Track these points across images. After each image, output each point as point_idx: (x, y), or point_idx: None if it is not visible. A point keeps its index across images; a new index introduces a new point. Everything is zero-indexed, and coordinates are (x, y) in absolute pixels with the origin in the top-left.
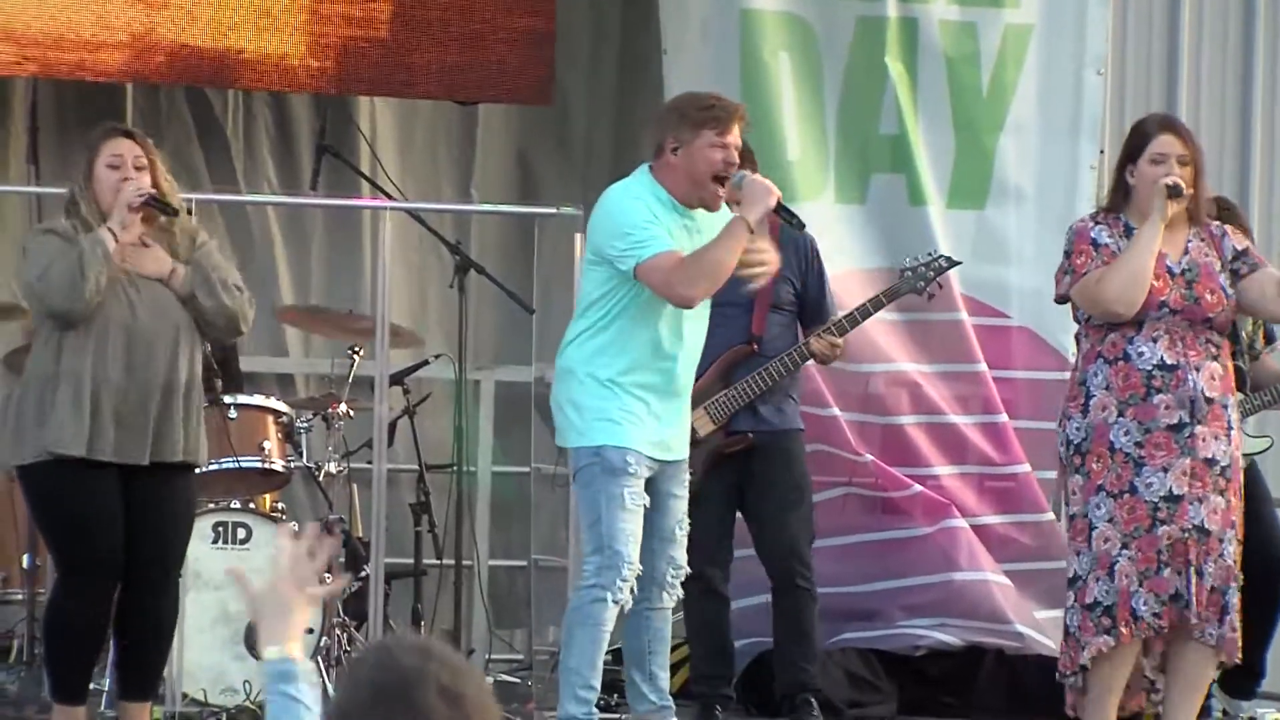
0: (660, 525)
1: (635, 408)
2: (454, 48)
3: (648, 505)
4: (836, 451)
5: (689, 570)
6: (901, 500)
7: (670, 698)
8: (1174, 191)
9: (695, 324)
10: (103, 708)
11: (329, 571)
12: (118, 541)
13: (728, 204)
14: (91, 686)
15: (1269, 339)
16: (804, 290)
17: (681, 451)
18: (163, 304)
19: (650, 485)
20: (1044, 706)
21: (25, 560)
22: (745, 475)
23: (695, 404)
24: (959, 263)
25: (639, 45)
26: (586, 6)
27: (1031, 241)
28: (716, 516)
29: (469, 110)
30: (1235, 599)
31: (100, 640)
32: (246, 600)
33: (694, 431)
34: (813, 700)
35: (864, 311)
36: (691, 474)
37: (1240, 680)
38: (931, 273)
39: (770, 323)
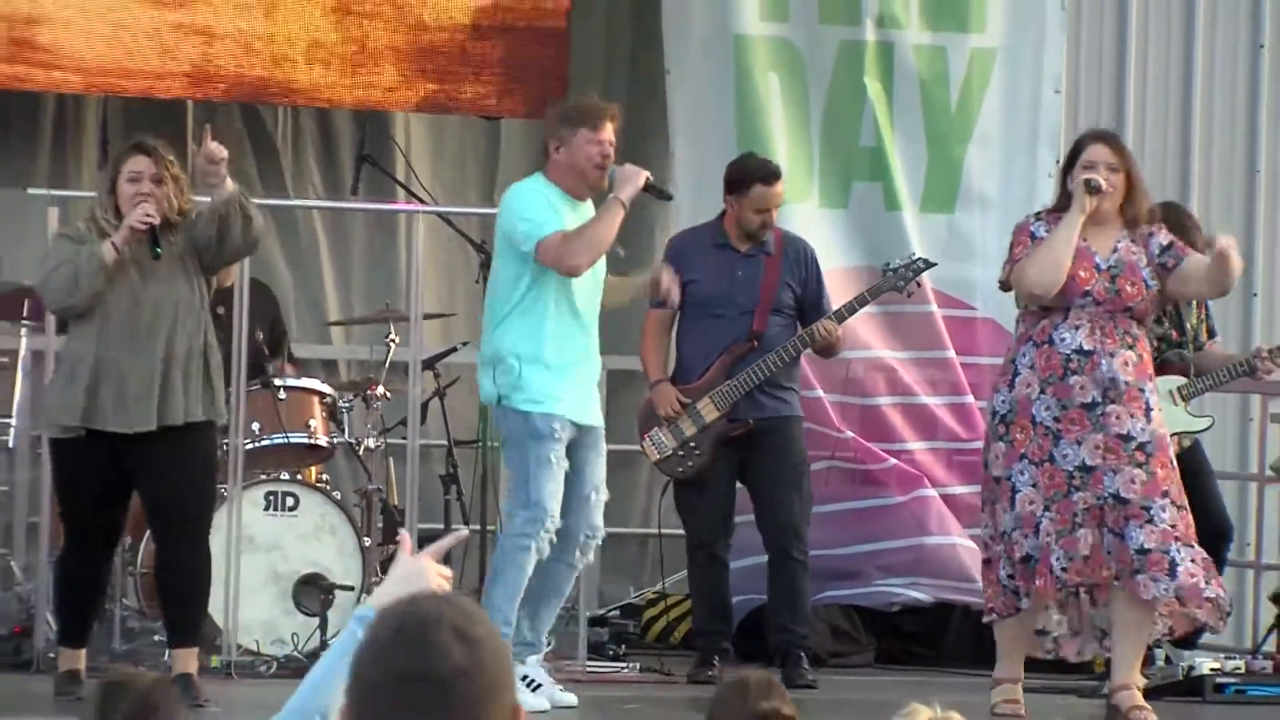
0: (579, 488)
1: (557, 378)
2: (480, 71)
3: (568, 469)
4: (820, 429)
5: (604, 532)
6: (878, 472)
7: (543, 639)
8: (1090, 187)
9: (594, 298)
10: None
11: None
12: (105, 515)
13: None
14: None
15: (1211, 333)
16: (804, 294)
17: (597, 419)
18: (164, 286)
19: (569, 450)
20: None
21: None
22: (747, 456)
23: (702, 394)
24: (934, 264)
25: (647, 66)
26: (600, 31)
27: (995, 242)
28: (721, 494)
29: (493, 124)
30: (1185, 555)
31: (98, 592)
32: (396, 560)
33: (701, 418)
34: (803, 655)
35: (852, 307)
36: (698, 455)
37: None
38: (911, 273)
39: (771, 323)
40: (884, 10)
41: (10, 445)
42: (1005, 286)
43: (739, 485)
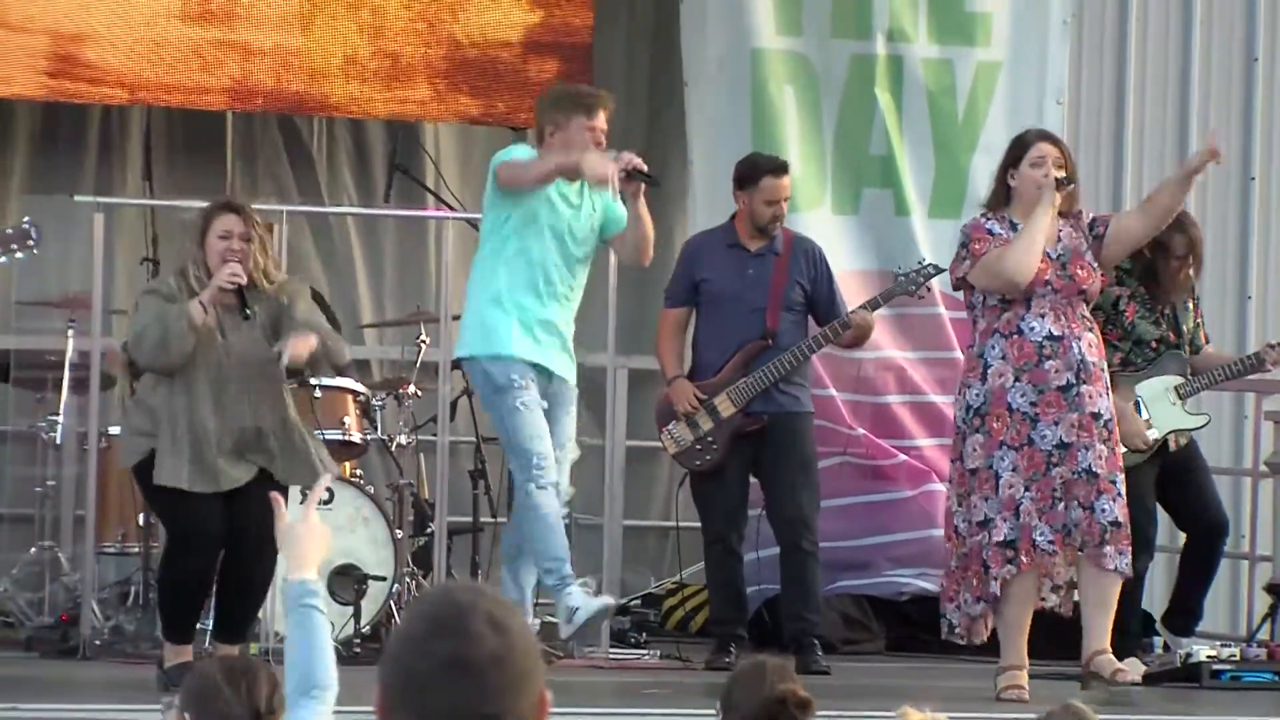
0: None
1: (509, 321)
2: (511, 86)
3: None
4: (833, 426)
5: (571, 490)
6: (889, 468)
7: (567, 572)
8: (1062, 183)
9: (569, 272)
10: (206, 644)
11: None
12: (218, 521)
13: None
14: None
15: (1206, 339)
16: (814, 291)
17: (566, 372)
18: (249, 353)
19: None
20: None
21: (140, 519)
22: (761, 451)
23: (718, 391)
24: (943, 270)
25: (666, 78)
26: (621, 46)
27: None
28: (736, 487)
29: (519, 134)
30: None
31: (203, 594)
32: (279, 528)
33: (718, 413)
34: (816, 643)
35: (875, 303)
36: (715, 449)
37: (1182, 621)
38: (921, 277)
39: (783, 320)
40: (894, 25)
41: (59, 442)
42: (958, 285)
43: (752, 480)
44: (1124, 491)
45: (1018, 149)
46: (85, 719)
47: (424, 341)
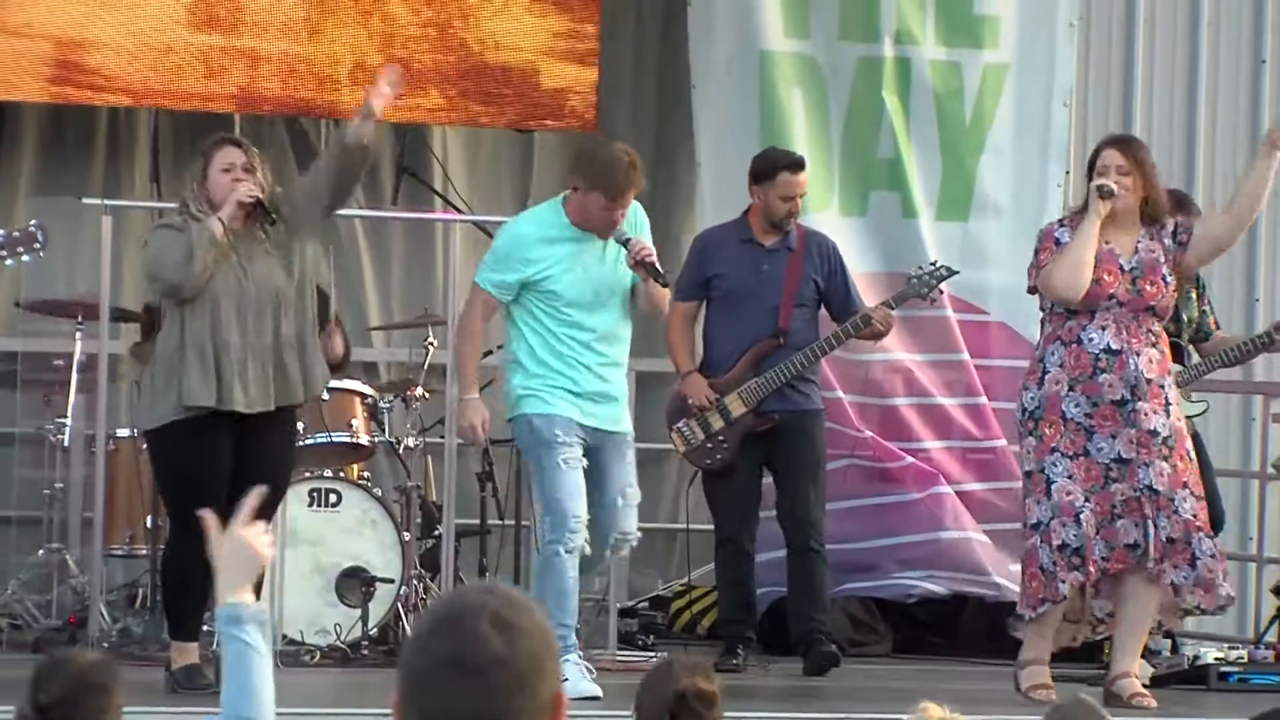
0: (605, 493)
1: (544, 383)
2: (508, 82)
3: (592, 473)
4: (840, 428)
5: (637, 535)
6: (896, 470)
7: (570, 642)
8: (1102, 191)
9: (600, 311)
10: (215, 645)
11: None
12: (223, 503)
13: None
14: (205, 628)
15: (1216, 324)
16: (829, 288)
17: (615, 424)
18: (264, 273)
19: (592, 456)
20: (1016, 645)
21: (148, 521)
22: (772, 451)
23: (729, 389)
24: (957, 272)
25: (674, 79)
26: (629, 46)
27: (1007, 249)
28: (747, 487)
29: (526, 136)
30: (1207, 546)
31: (206, 587)
32: (212, 550)
33: (729, 412)
34: (825, 638)
35: (889, 304)
36: (725, 448)
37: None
38: (934, 280)
39: (795, 318)
40: (901, 28)
41: (66, 444)
42: (1034, 290)
43: (765, 480)
44: (1188, 506)
45: (1092, 157)
46: None
47: (432, 344)
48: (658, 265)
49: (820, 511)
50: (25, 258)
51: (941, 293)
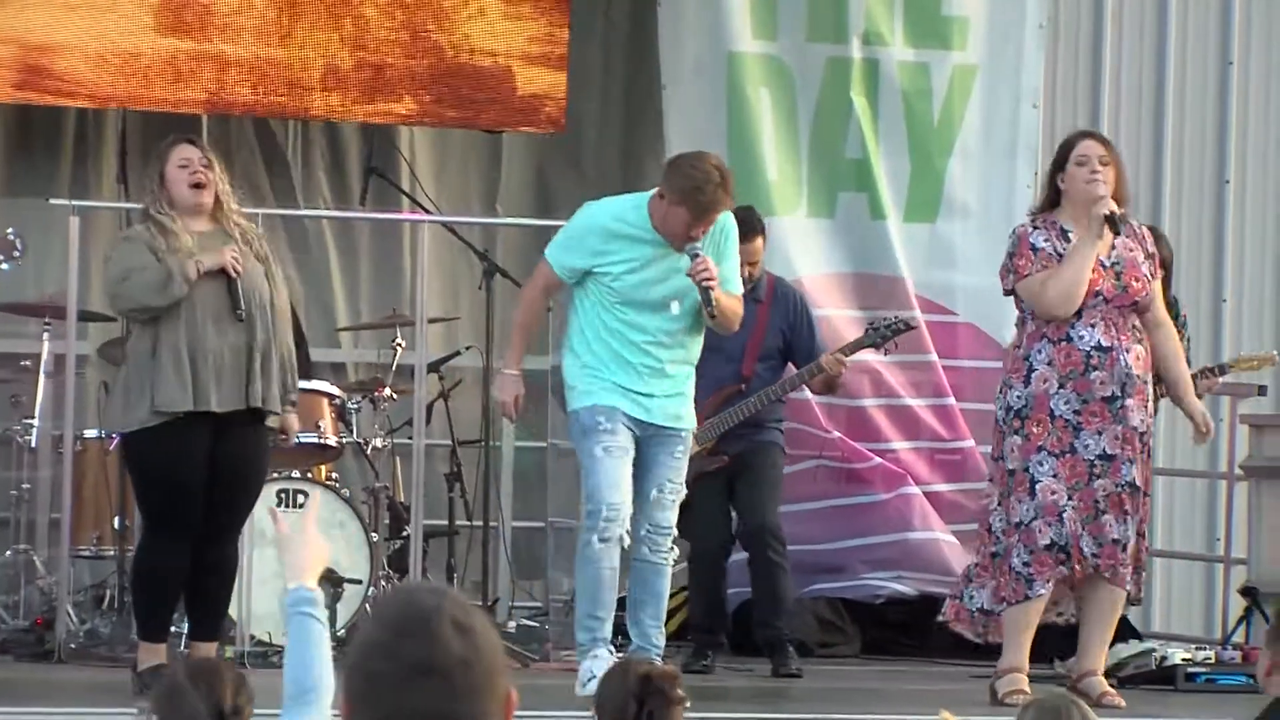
0: (644, 486)
1: (595, 373)
2: (482, 86)
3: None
4: (808, 429)
5: (674, 532)
6: (864, 471)
7: (654, 643)
8: (1110, 221)
9: (667, 311)
10: (181, 647)
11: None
12: (199, 505)
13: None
14: (173, 629)
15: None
16: (794, 338)
17: (667, 419)
18: (246, 279)
19: (639, 447)
20: (984, 646)
21: (116, 522)
22: (732, 477)
23: None
24: (915, 326)
25: (642, 80)
26: (596, 47)
27: (976, 250)
28: (714, 516)
29: (494, 137)
30: (1142, 546)
31: (179, 587)
32: (279, 539)
33: None
34: (788, 646)
35: (844, 352)
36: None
37: None
38: (890, 332)
39: (758, 369)
40: (870, 28)
41: (33, 445)
42: (1010, 292)
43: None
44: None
45: (1063, 149)
46: None
47: (400, 344)
48: (711, 293)
49: (777, 520)
50: (3, 265)
51: (896, 346)
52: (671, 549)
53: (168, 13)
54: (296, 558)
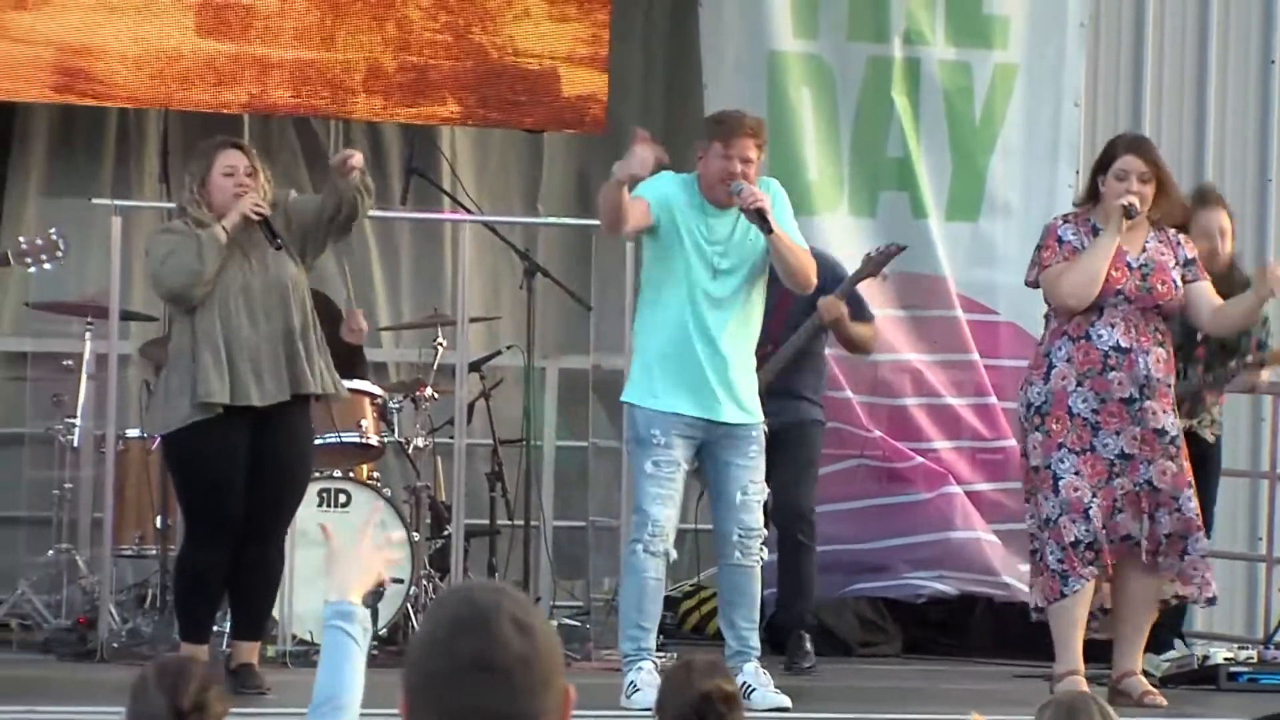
0: (724, 491)
1: (657, 371)
2: (526, 89)
3: (710, 471)
4: (850, 429)
5: (764, 533)
6: (905, 470)
7: (750, 645)
8: (1129, 212)
9: (733, 301)
10: (224, 646)
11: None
12: (241, 505)
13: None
14: (215, 629)
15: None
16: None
17: (733, 415)
18: (272, 265)
19: (706, 451)
20: (1025, 645)
21: (158, 521)
22: (770, 446)
23: None
24: (905, 248)
25: (683, 80)
26: (637, 47)
27: (1017, 249)
28: None
29: (535, 137)
30: (1201, 545)
31: (221, 588)
32: (328, 551)
33: None
34: (805, 637)
35: (846, 286)
36: None
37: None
38: (884, 257)
39: (785, 333)
40: (911, 28)
41: (76, 444)
42: (1033, 285)
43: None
44: (1192, 506)
45: (1108, 155)
46: None
47: (441, 344)
48: (766, 212)
49: (809, 503)
50: (47, 265)
51: (886, 277)
52: (761, 549)
53: (209, 15)
54: (345, 573)
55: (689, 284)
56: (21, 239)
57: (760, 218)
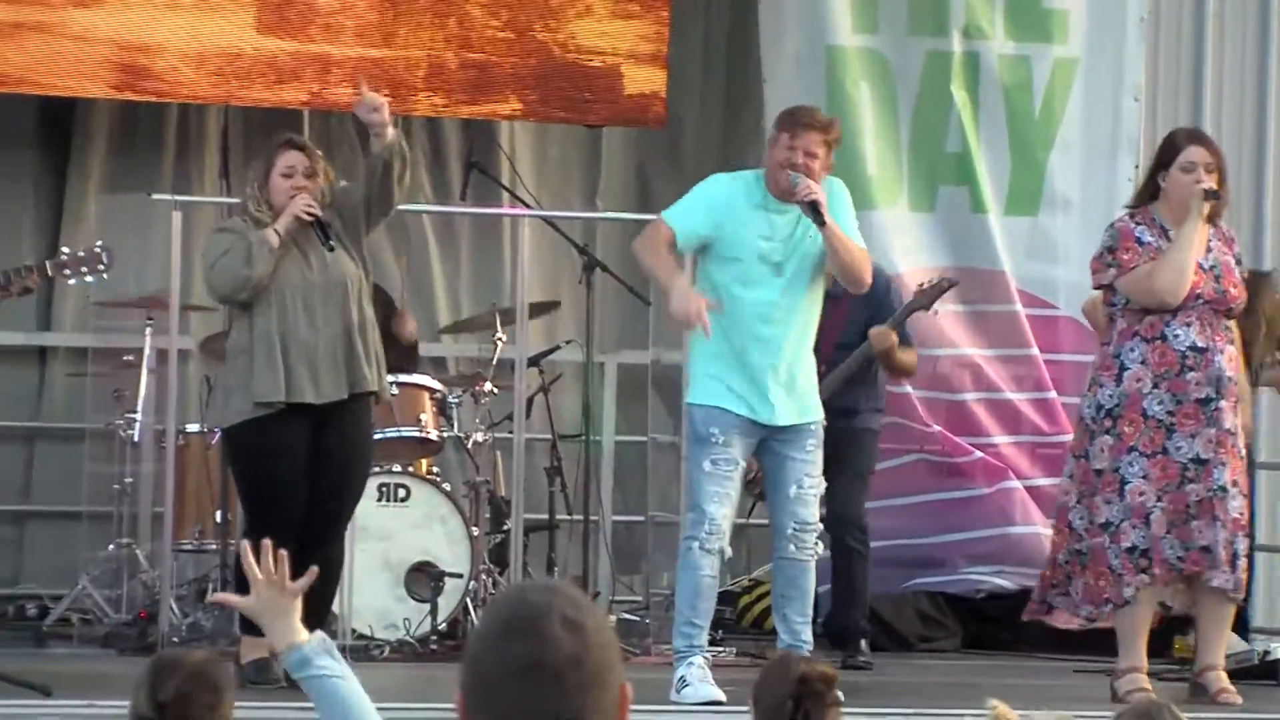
0: (780, 486)
1: (713, 367)
2: (589, 86)
3: (767, 469)
4: (909, 423)
5: (819, 528)
6: (965, 465)
7: (803, 639)
8: (1210, 194)
9: (784, 297)
10: None
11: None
12: (301, 500)
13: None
14: None
15: None
16: (876, 320)
17: (786, 417)
18: (332, 265)
19: (764, 452)
20: (1085, 640)
21: (218, 516)
22: (825, 460)
23: None
24: (956, 283)
25: (742, 75)
26: (698, 42)
27: (1077, 243)
28: None
29: (595, 132)
30: (1241, 546)
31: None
32: (247, 611)
33: None
34: (861, 639)
35: (895, 321)
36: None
37: None
38: (936, 293)
39: (837, 355)
40: (970, 22)
41: (136, 439)
42: (1101, 288)
43: None
44: (1236, 505)
45: (1169, 151)
46: None
47: (500, 339)
48: (820, 205)
49: (860, 510)
50: (89, 278)
51: (937, 312)
52: (816, 544)
53: (269, 13)
54: (268, 621)
55: (748, 283)
56: (64, 250)
57: (814, 210)
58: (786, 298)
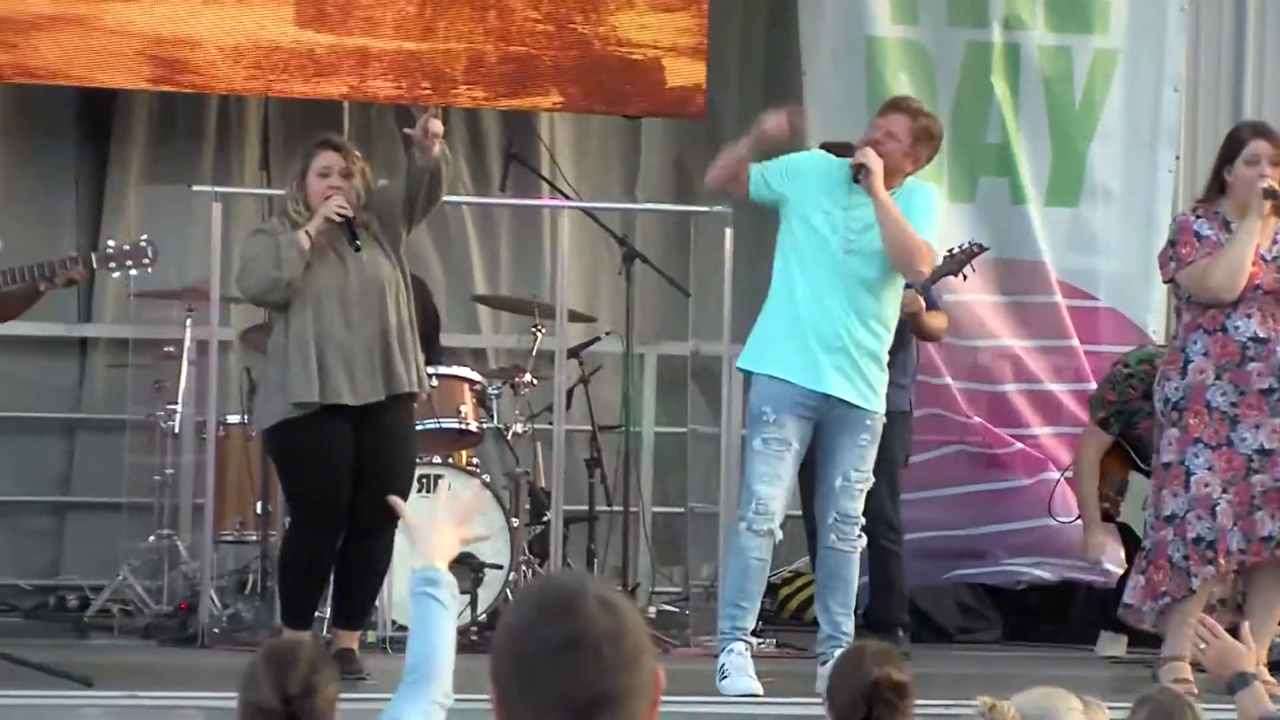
0: (827, 474)
1: (773, 334)
2: (631, 79)
3: (818, 451)
4: (949, 415)
5: (861, 520)
6: (1005, 456)
7: (843, 630)
8: (1270, 194)
9: (854, 270)
10: (324, 631)
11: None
12: (345, 493)
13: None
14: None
15: None
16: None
17: (846, 392)
18: (369, 266)
19: (819, 430)
20: (1127, 632)
21: (259, 507)
22: None
23: None
24: (987, 249)
25: (782, 66)
26: (736, 34)
27: (1117, 235)
28: None
29: (634, 123)
30: None
31: (324, 576)
32: (406, 528)
33: None
34: (900, 633)
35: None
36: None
37: None
38: (966, 257)
39: None
40: (1010, 13)
41: (177, 430)
42: (1169, 282)
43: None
44: None
45: (1233, 144)
46: (204, 707)
47: (540, 330)
48: (867, 169)
49: (892, 507)
50: (134, 272)
51: (974, 270)
52: (860, 537)
53: (308, 6)
54: (428, 542)
55: (817, 259)
56: (110, 242)
57: (858, 173)
58: (852, 279)
